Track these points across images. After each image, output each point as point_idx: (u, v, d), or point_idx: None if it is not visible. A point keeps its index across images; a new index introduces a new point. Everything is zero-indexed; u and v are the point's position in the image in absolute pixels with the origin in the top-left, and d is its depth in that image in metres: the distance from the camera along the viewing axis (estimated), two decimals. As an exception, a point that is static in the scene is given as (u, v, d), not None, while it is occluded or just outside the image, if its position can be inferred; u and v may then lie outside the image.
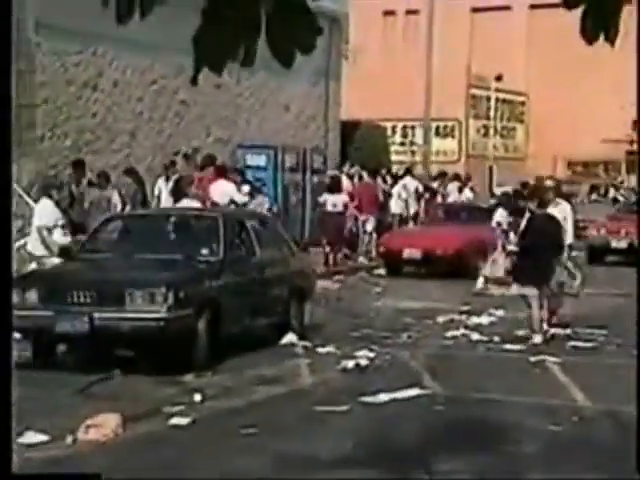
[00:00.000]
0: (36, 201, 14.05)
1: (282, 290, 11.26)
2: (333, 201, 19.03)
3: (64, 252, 10.91)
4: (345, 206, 19.28)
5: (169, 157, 18.44)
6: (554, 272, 11.51)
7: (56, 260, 11.25)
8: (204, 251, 10.41)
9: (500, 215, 15.90)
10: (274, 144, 21.13)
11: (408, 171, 24.37)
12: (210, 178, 16.40)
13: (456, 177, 25.32)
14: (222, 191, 16.74)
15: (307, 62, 2.84)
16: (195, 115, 19.63)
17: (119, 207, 15.09)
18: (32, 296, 9.50)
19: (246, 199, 15.94)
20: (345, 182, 21.65)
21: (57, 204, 12.31)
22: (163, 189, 16.10)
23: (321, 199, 19.49)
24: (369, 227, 20.55)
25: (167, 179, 16.33)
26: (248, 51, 2.88)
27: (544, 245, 11.25)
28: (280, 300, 11.14)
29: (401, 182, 23.08)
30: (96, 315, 9.25)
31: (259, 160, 20.83)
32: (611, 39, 2.89)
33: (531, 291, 11.33)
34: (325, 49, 22.72)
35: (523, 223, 11.66)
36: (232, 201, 15.61)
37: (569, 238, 12.43)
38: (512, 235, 12.71)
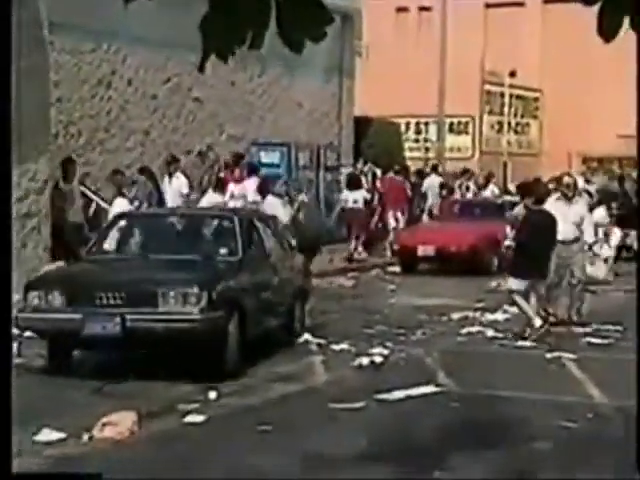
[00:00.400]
0: (105, 200, 14.20)
1: (290, 290, 11.13)
2: (354, 197, 19.37)
3: (69, 252, 10.72)
4: (366, 202, 19.56)
5: (183, 155, 18.46)
6: (549, 267, 11.61)
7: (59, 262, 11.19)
8: (222, 251, 10.10)
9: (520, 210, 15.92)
10: (288, 141, 21.13)
11: (435, 168, 24.46)
12: (240, 176, 16.56)
13: (464, 172, 25.33)
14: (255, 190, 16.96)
15: (320, 59, 2.83)
16: (209, 113, 19.63)
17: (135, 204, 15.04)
18: (56, 298, 9.08)
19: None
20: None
21: (131, 202, 12.91)
22: (167, 188, 15.85)
23: (342, 196, 19.85)
24: (398, 223, 20.72)
25: (170, 176, 15.98)
26: (256, 36, 2.86)
27: (540, 240, 11.34)
28: (287, 301, 10.99)
29: (429, 179, 23.23)
30: (128, 316, 8.83)
31: (273, 157, 20.83)
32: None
33: (521, 285, 11.41)
34: (338, 46, 22.68)
35: (519, 219, 11.87)
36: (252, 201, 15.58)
37: (589, 236, 12.36)
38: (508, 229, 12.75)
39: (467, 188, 24.26)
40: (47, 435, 7.11)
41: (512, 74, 33.90)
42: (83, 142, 16.55)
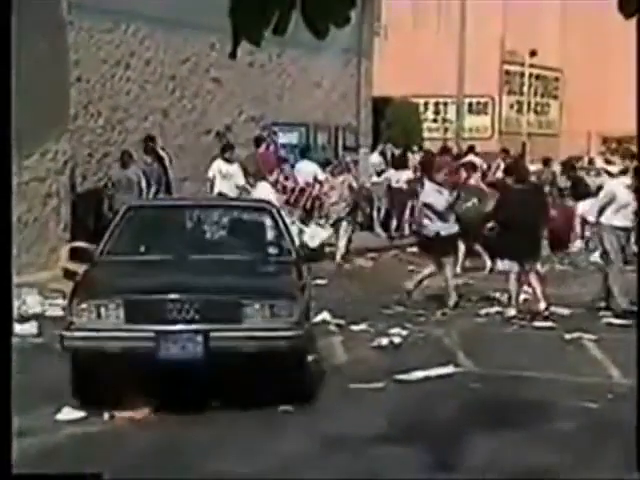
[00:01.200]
0: (252, 186, 14.34)
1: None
2: (397, 177, 19.52)
3: (78, 252, 8.82)
4: (407, 182, 19.64)
5: (201, 136, 18.48)
6: (540, 249, 11.56)
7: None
8: (272, 250, 8.66)
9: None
10: (306, 122, 21.10)
11: (472, 149, 24.34)
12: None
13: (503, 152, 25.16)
14: (308, 171, 17.20)
15: (339, 39, 2.83)
16: (227, 93, 19.61)
17: (143, 185, 14.99)
18: (115, 312, 7.23)
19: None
20: (378, 159, 21.68)
21: (273, 185, 12.77)
22: (218, 173, 15.50)
23: (388, 175, 20.03)
24: None
25: (226, 160, 15.74)
26: (281, 20, 2.85)
27: (524, 219, 11.16)
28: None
29: (465, 159, 23.14)
30: (212, 334, 7.19)
31: (291, 138, 20.81)
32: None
33: (512, 267, 11.43)
34: (357, 27, 22.58)
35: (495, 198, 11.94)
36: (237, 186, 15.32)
37: (618, 220, 12.12)
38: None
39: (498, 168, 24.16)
40: (68, 414, 7.16)
41: (532, 54, 33.69)
42: (102, 122, 16.58)
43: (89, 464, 5.92)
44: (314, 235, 16.59)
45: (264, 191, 13.71)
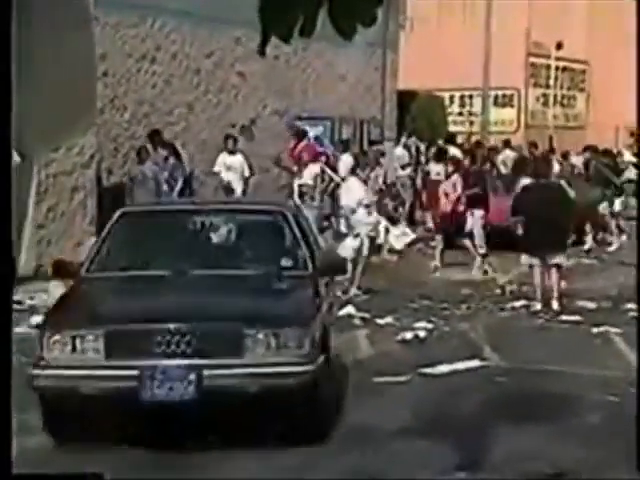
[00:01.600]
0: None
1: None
2: (437, 170, 19.45)
3: (57, 266, 7.44)
4: (447, 176, 19.67)
5: (226, 129, 18.51)
6: (563, 244, 11.50)
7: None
8: (285, 262, 7.31)
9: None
10: (331, 115, 21.09)
11: (507, 143, 24.26)
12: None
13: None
14: (348, 164, 17.26)
15: (364, 32, 2.83)
16: (252, 87, 19.63)
17: (161, 180, 14.97)
18: (92, 344, 6.11)
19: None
20: (402, 152, 21.65)
21: (365, 182, 12.73)
22: (222, 166, 15.55)
23: (427, 167, 19.96)
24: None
25: (231, 153, 15.76)
26: (307, 20, 2.86)
27: (547, 215, 11.13)
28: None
29: (503, 154, 23.09)
30: (206, 371, 6.07)
31: (316, 132, 20.79)
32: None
33: (531, 260, 11.44)
34: (382, 19, 22.53)
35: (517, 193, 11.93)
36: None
37: None
38: None
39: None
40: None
41: (559, 46, 33.46)
42: (128, 116, 16.65)
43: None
44: (401, 235, 16.55)
45: (354, 186, 12.85)
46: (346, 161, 18.39)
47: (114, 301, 7.10)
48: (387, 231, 15.86)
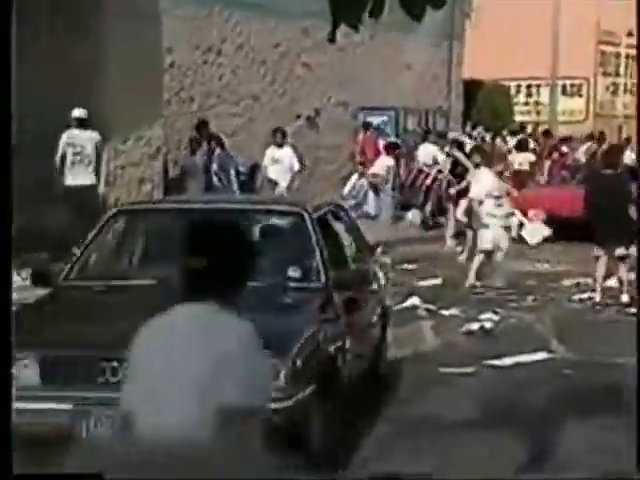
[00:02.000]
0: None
1: (378, 322, 7.73)
2: (520, 160, 19.38)
3: (38, 277, 6.47)
4: (531, 165, 19.57)
5: (291, 120, 18.56)
6: (631, 236, 11.28)
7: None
8: (293, 272, 6.44)
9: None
10: (396, 106, 21.03)
11: (592, 136, 24.02)
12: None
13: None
14: (427, 153, 17.27)
15: (430, 22, 2.82)
16: (317, 78, 19.66)
17: (214, 170, 14.96)
18: (27, 370, 5.07)
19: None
20: (433, 148, 21.57)
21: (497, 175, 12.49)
22: (270, 160, 15.13)
23: (510, 157, 19.96)
24: None
25: (280, 146, 15.26)
26: (376, 3, 2.89)
27: (614, 207, 10.99)
28: (374, 340, 7.55)
29: (584, 146, 22.92)
30: None
31: (379, 122, 20.76)
32: None
33: (597, 252, 11.32)
34: (448, 9, 22.38)
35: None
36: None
37: None
38: None
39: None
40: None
41: (630, 34, 32.88)
42: (195, 108, 16.79)
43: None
44: (535, 231, 16.34)
45: (485, 178, 12.45)
46: (427, 150, 18.42)
47: (72, 318, 5.87)
48: (521, 225, 15.60)
